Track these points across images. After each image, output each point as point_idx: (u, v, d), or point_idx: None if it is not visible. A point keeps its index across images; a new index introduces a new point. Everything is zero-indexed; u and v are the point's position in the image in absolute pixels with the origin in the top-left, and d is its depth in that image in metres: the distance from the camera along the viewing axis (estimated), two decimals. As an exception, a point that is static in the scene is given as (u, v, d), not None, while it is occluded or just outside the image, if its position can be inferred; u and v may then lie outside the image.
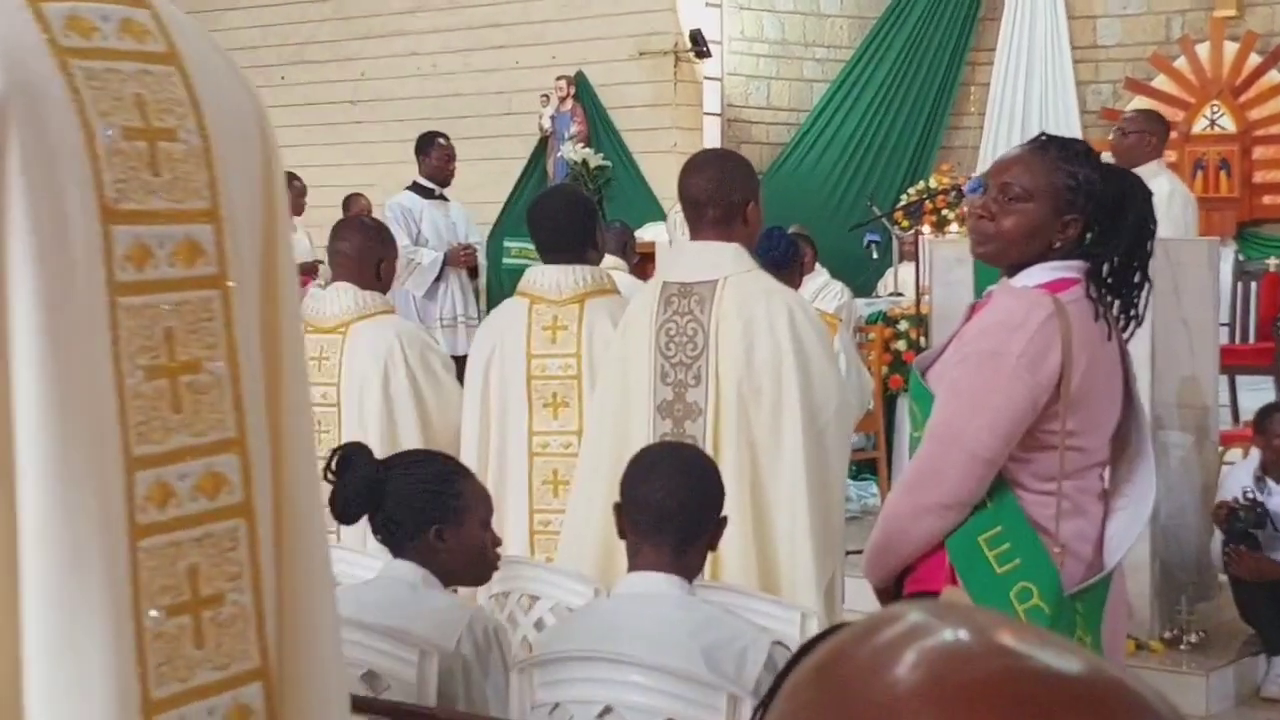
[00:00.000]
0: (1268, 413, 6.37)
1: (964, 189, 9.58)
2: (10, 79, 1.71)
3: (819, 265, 9.27)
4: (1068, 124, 12.21)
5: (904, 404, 8.26)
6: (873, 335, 8.99)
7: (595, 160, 12.54)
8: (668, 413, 4.32)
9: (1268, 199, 11.98)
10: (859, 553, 3.62)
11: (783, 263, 6.51)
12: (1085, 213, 3.26)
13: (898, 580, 3.41)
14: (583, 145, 12.59)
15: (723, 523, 3.39)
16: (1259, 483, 6.20)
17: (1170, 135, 10.61)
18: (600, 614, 3.40)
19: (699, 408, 4.27)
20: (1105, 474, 3.40)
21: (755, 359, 4.22)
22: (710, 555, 3.48)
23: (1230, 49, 12.10)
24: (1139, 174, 3.57)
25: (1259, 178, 12.00)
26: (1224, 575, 6.31)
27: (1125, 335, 3.35)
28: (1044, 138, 3.38)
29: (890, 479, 8.54)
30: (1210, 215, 10.19)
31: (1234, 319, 10.04)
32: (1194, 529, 6.40)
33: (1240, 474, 6.41)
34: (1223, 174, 11.89)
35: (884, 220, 10.63)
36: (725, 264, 4.31)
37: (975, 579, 3.23)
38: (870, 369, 8.31)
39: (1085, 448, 3.28)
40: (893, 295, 10.30)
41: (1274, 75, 12.04)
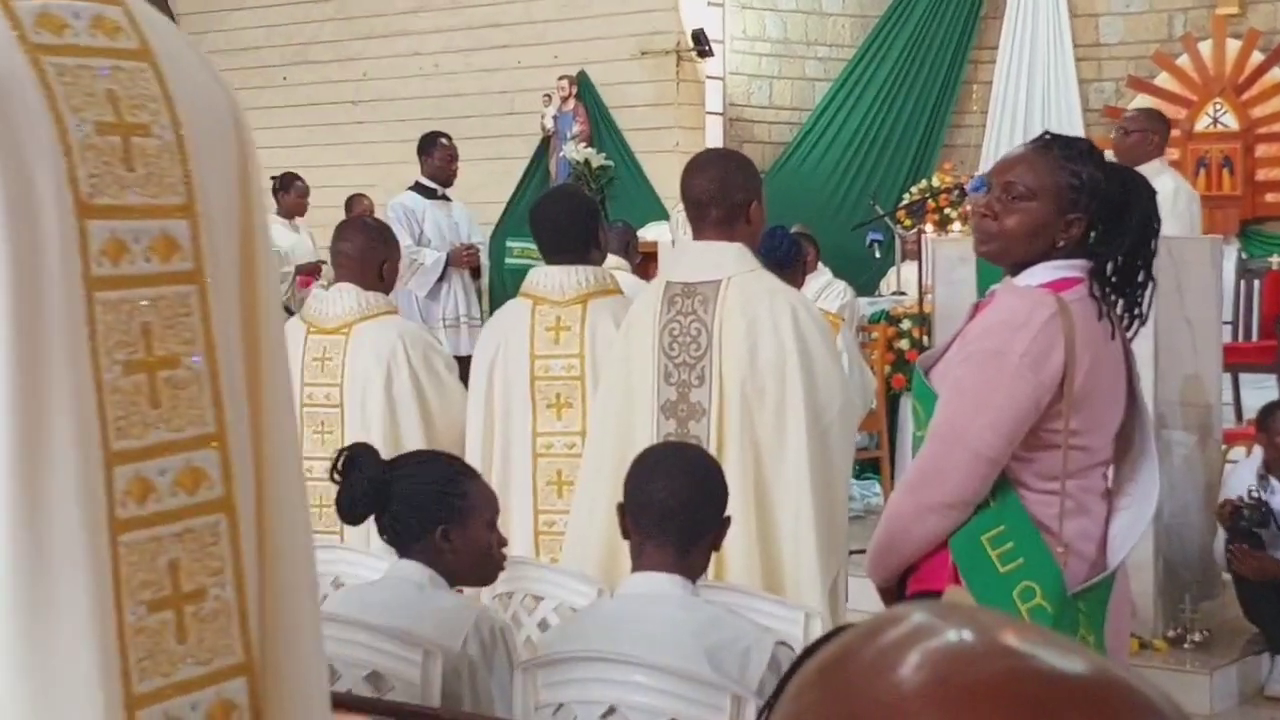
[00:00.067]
0: (1271, 411, 6.36)
1: (966, 188, 9.57)
2: None
3: (822, 264, 9.26)
4: (1070, 122, 12.20)
5: (907, 403, 8.26)
6: (875, 334, 8.99)
7: (597, 160, 12.54)
8: (671, 413, 4.31)
9: (1270, 197, 11.97)
10: (862, 552, 3.61)
11: (785, 262, 6.50)
12: (1089, 212, 3.25)
13: (901, 579, 3.41)
14: (585, 145, 12.59)
15: (726, 523, 3.39)
16: (1262, 481, 6.19)
17: (1173, 133, 10.61)
18: (604, 614, 3.39)
19: (703, 408, 4.27)
20: (1109, 473, 3.39)
21: (759, 359, 4.22)
22: (714, 555, 3.47)
23: (1233, 47, 12.08)
24: (1142, 172, 3.57)
25: (1261, 176, 11.98)
26: (1227, 574, 6.31)
27: (1129, 334, 3.35)
28: (1048, 136, 3.37)
29: (893, 478, 8.54)
30: (1213, 213, 10.17)
31: (1237, 317, 10.03)
32: (1197, 528, 6.40)
33: (1243, 472, 6.40)
34: (1225, 172, 11.88)
35: (886, 219, 10.62)
36: (729, 264, 4.30)
37: (978, 578, 3.23)
38: (873, 368, 8.31)
39: (1088, 447, 3.28)
40: (895, 294, 10.29)
41: (1276, 73, 12.02)
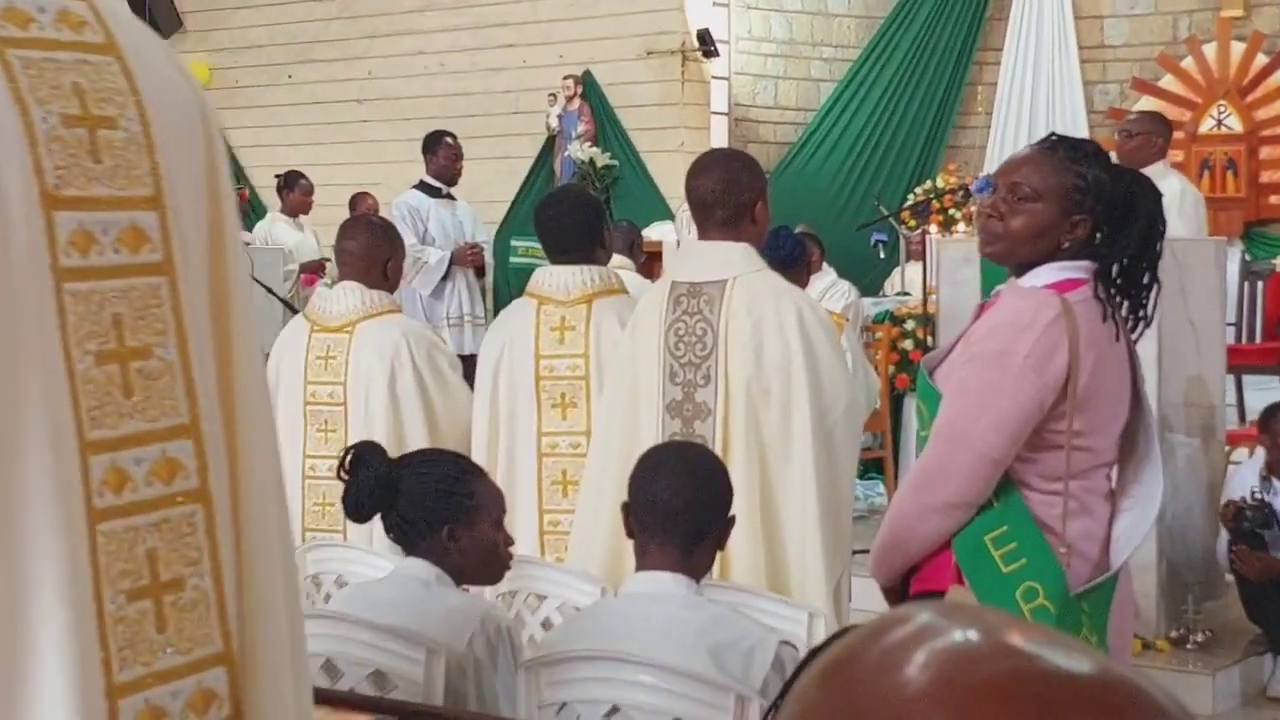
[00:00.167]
0: (1273, 412, 6.35)
1: (971, 189, 9.58)
2: None
3: (826, 264, 9.25)
4: (1074, 124, 12.19)
5: (911, 403, 8.27)
6: (879, 335, 9.00)
7: (602, 159, 12.54)
8: (677, 412, 4.31)
9: (1274, 199, 11.96)
10: (866, 552, 3.61)
11: (789, 262, 6.50)
12: (1094, 213, 3.25)
13: (904, 579, 3.41)
14: (590, 144, 12.59)
15: (731, 522, 3.39)
16: (1265, 482, 6.19)
17: (1177, 135, 10.61)
18: (607, 613, 3.39)
19: (708, 407, 4.27)
20: (1112, 474, 3.40)
21: (764, 359, 4.22)
22: (719, 554, 3.47)
23: (1237, 49, 12.08)
24: (1147, 175, 3.57)
25: (1266, 178, 11.98)
26: (1230, 575, 6.31)
27: (1134, 336, 3.35)
28: (1054, 138, 3.37)
29: (897, 478, 8.54)
30: (1217, 215, 10.17)
31: (1240, 319, 10.03)
32: (1200, 528, 6.40)
33: (1246, 473, 6.40)
34: (1229, 174, 11.87)
35: (891, 220, 10.62)
36: (734, 264, 4.30)
37: (981, 578, 3.23)
38: (877, 368, 8.31)
39: (1092, 448, 3.28)
40: (899, 295, 10.30)
41: (1281, 75, 12.04)
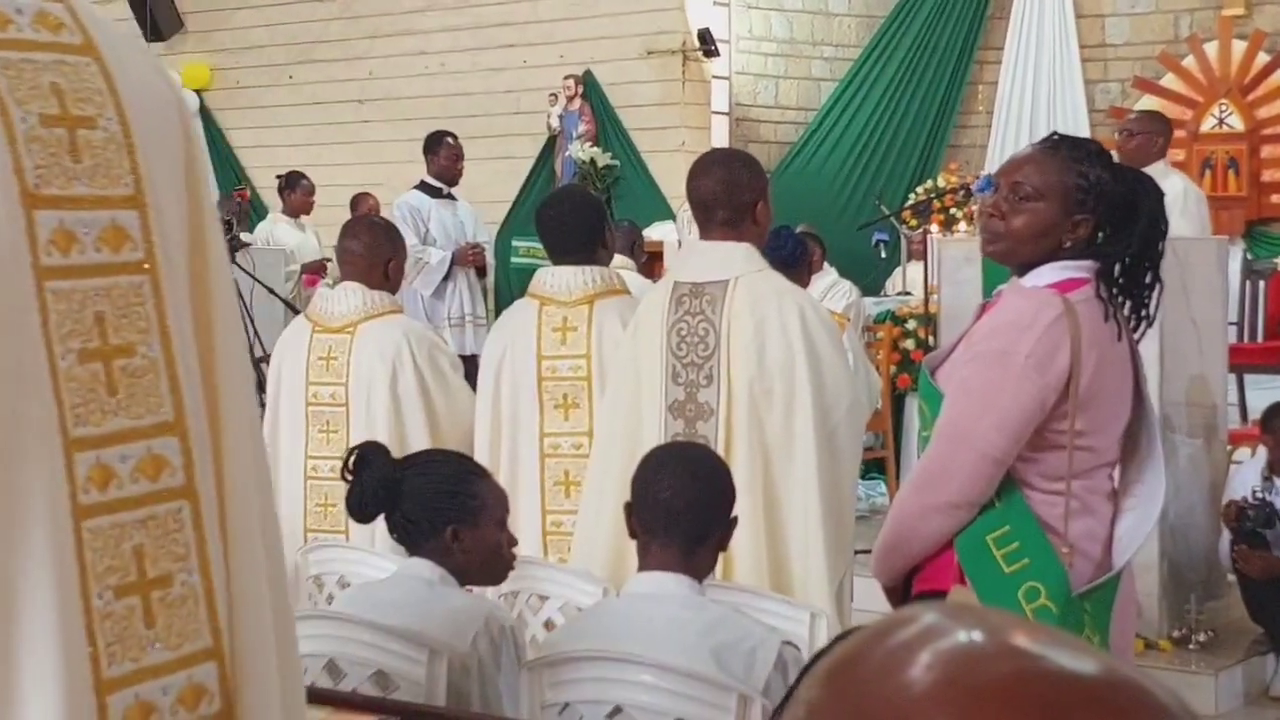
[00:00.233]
0: (1275, 411, 6.35)
1: (972, 188, 9.58)
2: None
3: (827, 264, 9.24)
4: (1076, 123, 12.18)
5: (912, 403, 8.27)
6: (881, 334, 9.00)
7: (603, 159, 12.53)
8: (679, 413, 4.31)
9: (1276, 198, 11.94)
10: (867, 552, 3.61)
11: (791, 262, 6.50)
12: (1096, 213, 3.25)
13: (906, 579, 3.41)
14: (591, 144, 12.59)
15: (733, 523, 3.39)
16: (1267, 481, 6.19)
17: (1178, 134, 10.60)
18: (609, 614, 3.40)
19: (711, 408, 4.26)
20: (1115, 474, 3.39)
21: (767, 359, 4.21)
22: (722, 555, 3.47)
23: (1239, 48, 12.06)
24: (1149, 174, 3.57)
25: (1267, 176, 11.96)
26: (1232, 574, 6.31)
27: (1136, 336, 3.34)
28: (1056, 137, 3.37)
29: (898, 478, 8.54)
30: (1219, 214, 10.15)
31: (1242, 318, 10.02)
32: (1202, 528, 6.40)
33: (1247, 473, 6.40)
34: (1231, 173, 11.86)
35: (892, 219, 10.62)
36: (736, 264, 4.30)
37: (983, 578, 3.23)
38: (878, 368, 8.31)
39: (1094, 447, 3.27)
40: (901, 294, 10.30)
41: (1282, 74, 12.02)
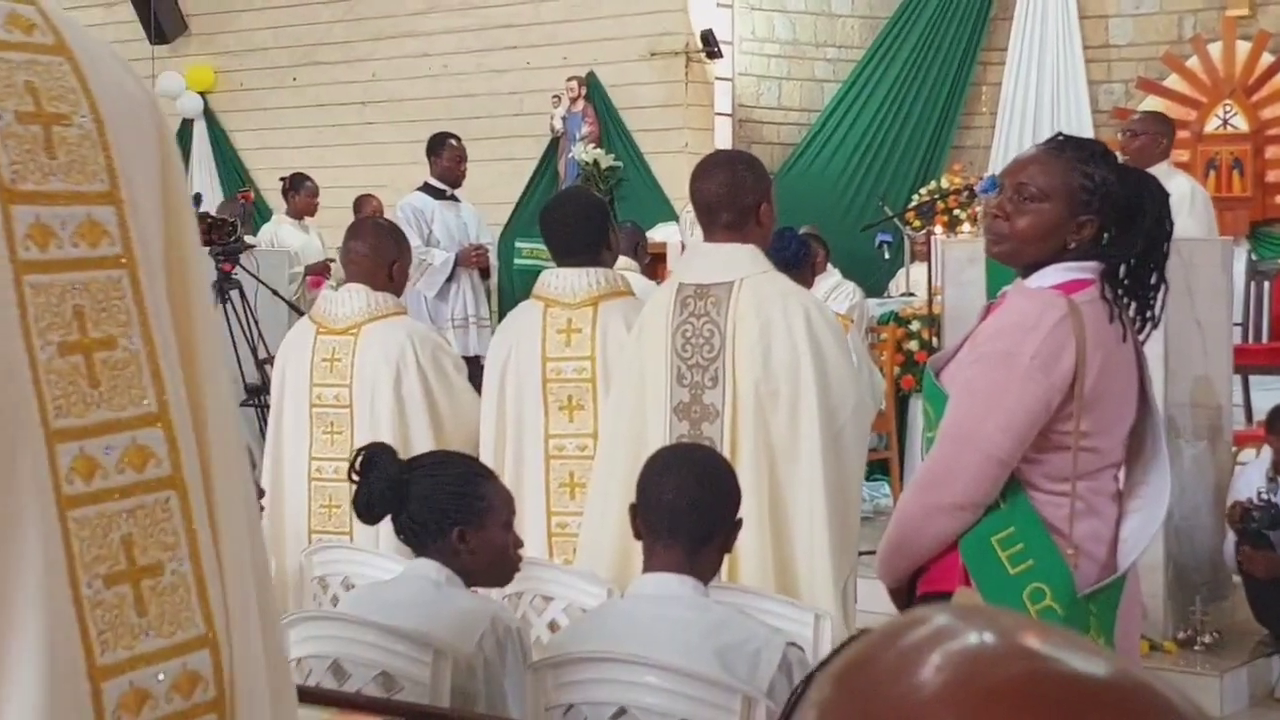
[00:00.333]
0: (1280, 412, 6.36)
1: (976, 189, 9.55)
2: None
3: (831, 265, 9.26)
4: (1079, 123, 12.17)
5: (916, 404, 8.27)
6: (885, 335, 8.99)
7: (606, 161, 12.53)
8: (684, 414, 4.31)
9: (1280, 198, 11.94)
10: (872, 553, 3.61)
11: (794, 263, 6.51)
12: (1101, 214, 3.25)
13: (911, 581, 3.40)
14: (594, 146, 12.58)
15: (738, 524, 3.38)
16: (1272, 482, 6.19)
17: (1182, 135, 10.58)
18: (613, 615, 3.40)
19: (716, 409, 4.26)
20: (1120, 475, 3.39)
21: (772, 361, 4.21)
22: (727, 556, 3.47)
23: (1243, 48, 12.04)
24: (1153, 175, 3.56)
25: (1272, 177, 11.94)
26: (1238, 575, 6.30)
27: (1141, 337, 3.34)
28: (1061, 138, 3.37)
29: (902, 479, 8.54)
30: (1223, 215, 10.12)
31: (1247, 318, 10.00)
32: (1208, 529, 6.39)
33: (1252, 474, 6.40)
34: (1235, 173, 11.84)
35: (896, 220, 10.61)
36: (741, 265, 4.30)
37: (988, 580, 3.23)
38: (882, 369, 8.31)
39: (1099, 448, 3.27)
40: (905, 295, 10.29)
41: (1286, 74, 12.00)
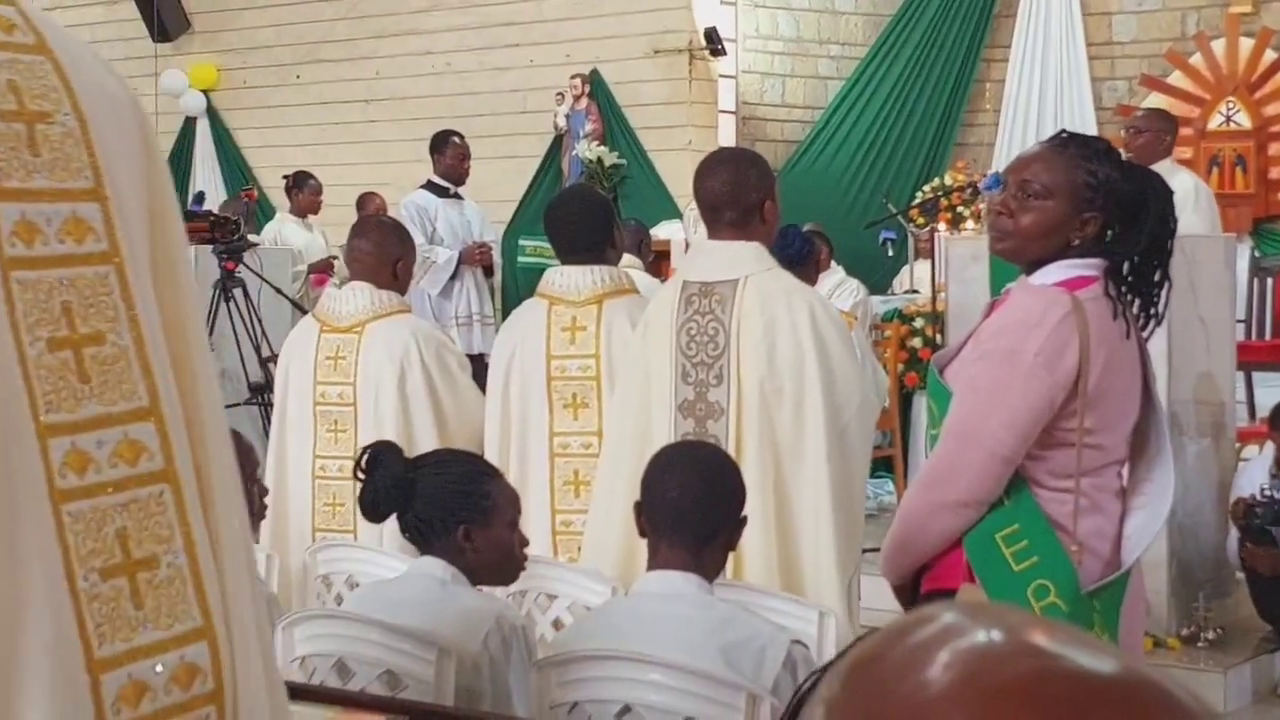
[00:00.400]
0: (1284, 409, 6.35)
1: (979, 186, 9.57)
2: None
3: (834, 263, 9.26)
4: (1083, 120, 12.16)
5: (920, 402, 8.26)
6: (888, 333, 9.00)
7: (610, 158, 12.52)
8: (689, 412, 4.31)
9: (1283, 195, 11.93)
10: (876, 550, 3.61)
11: (798, 260, 6.51)
12: (1105, 211, 3.25)
13: (915, 578, 3.41)
14: (597, 143, 12.58)
15: (742, 522, 3.38)
16: (1275, 479, 6.19)
17: (1186, 132, 10.57)
18: (618, 613, 3.40)
19: (721, 407, 4.26)
20: (1123, 472, 3.39)
21: (777, 358, 4.21)
22: (732, 554, 3.47)
23: (1246, 45, 12.04)
24: (1157, 172, 3.57)
25: (1275, 174, 11.93)
26: (1241, 572, 6.30)
27: (1145, 334, 3.34)
28: (1064, 135, 3.37)
29: (906, 476, 8.53)
30: (1226, 211, 10.11)
31: (1250, 315, 10.00)
32: (1211, 526, 6.39)
33: (1255, 470, 6.40)
34: (1238, 170, 11.83)
35: (899, 217, 10.62)
36: (746, 263, 4.30)
37: (992, 576, 3.23)
38: (885, 367, 8.30)
39: (1103, 445, 3.27)
40: (908, 293, 10.29)
41: (1289, 71, 11.99)
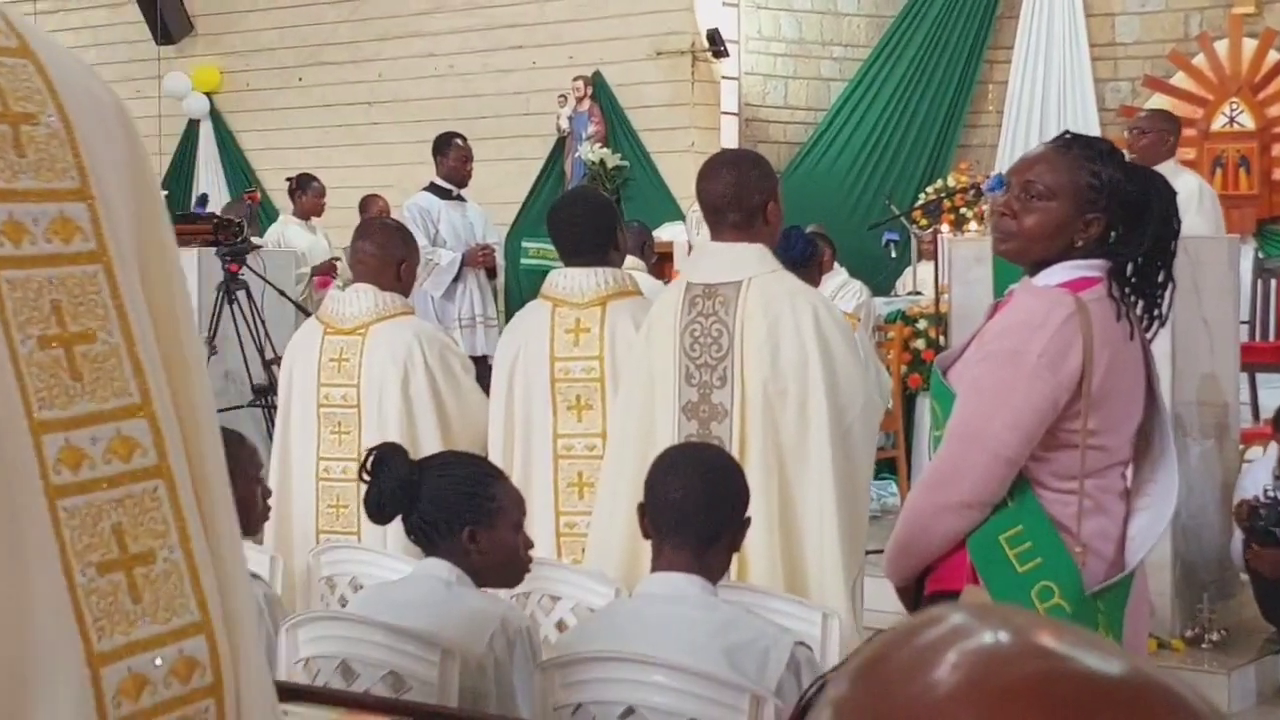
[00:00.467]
0: (1287, 410, 6.35)
1: (983, 187, 9.57)
2: None
3: (837, 264, 9.26)
4: (1086, 121, 12.16)
5: (923, 403, 8.26)
6: (891, 334, 8.99)
7: (613, 160, 12.53)
8: (693, 414, 4.31)
9: (1287, 196, 11.92)
10: (879, 552, 3.61)
11: (801, 262, 6.50)
12: (1108, 211, 3.25)
13: (919, 579, 3.41)
14: (600, 145, 12.58)
15: (746, 523, 3.38)
16: (1278, 480, 6.18)
17: (1189, 133, 10.57)
18: (621, 614, 3.40)
19: (725, 409, 4.26)
20: (1127, 473, 3.39)
21: (781, 360, 4.21)
22: (736, 556, 3.47)
23: (1249, 46, 12.03)
24: (1160, 173, 3.56)
25: (1278, 175, 11.93)
26: (1245, 573, 6.30)
27: (1148, 335, 3.34)
28: (1067, 136, 3.37)
29: (910, 478, 8.54)
30: (1230, 213, 10.10)
31: (1254, 316, 9.99)
32: (1215, 527, 6.39)
33: (1258, 471, 6.39)
34: (1242, 171, 11.82)
35: (902, 219, 10.61)
36: (749, 265, 4.30)
37: (996, 578, 3.23)
38: (889, 368, 8.30)
39: (1106, 446, 3.27)
40: (911, 294, 10.28)
41: (1293, 72, 11.99)
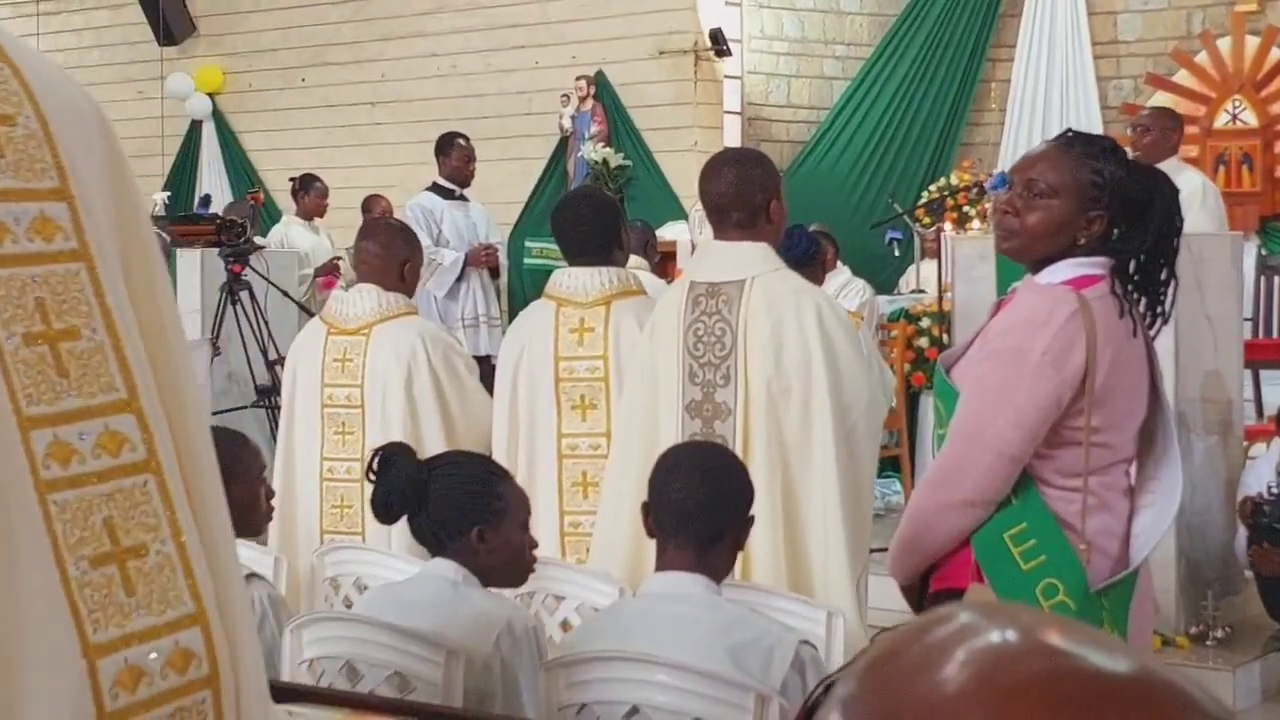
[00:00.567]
0: (1291, 407, 6.35)
1: (985, 185, 9.57)
2: None
3: (840, 263, 9.25)
4: (1088, 119, 12.16)
5: (927, 401, 8.26)
6: (895, 333, 8.99)
7: (616, 160, 12.53)
8: (697, 413, 4.31)
9: (1290, 193, 11.92)
10: (883, 550, 3.61)
11: (804, 261, 6.50)
12: (1110, 209, 3.25)
13: (923, 578, 3.41)
14: (603, 145, 12.59)
15: (749, 522, 3.38)
16: (1282, 478, 6.19)
17: (1192, 130, 10.56)
18: (625, 614, 3.40)
19: (728, 408, 4.26)
20: (1131, 470, 3.39)
21: (784, 358, 4.21)
22: (740, 554, 3.47)
23: (1251, 43, 12.03)
24: (1163, 170, 3.56)
25: (1281, 172, 11.95)
26: (1249, 571, 6.30)
27: (1151, 332, 3.34)
28: (1070, 134, 3.37)
29: (913, 476, 8.53)
30: (1233, 210, 10.10)
31: (1257, 313, 10.00)
32: (1219, 524, 6.39)
33: (1262, 468, 6.39)
34: (1245, 169, 11.82)
35: (905, 217, 10.61)
36: (753, 263, 4.30)
37: (1000, 576, 3.23)
38: (892, 366, 8.30)
39: (1110, 444, 3.27)
40: (915, 292, 10.29)
41: (1295, 69, 11.98)
